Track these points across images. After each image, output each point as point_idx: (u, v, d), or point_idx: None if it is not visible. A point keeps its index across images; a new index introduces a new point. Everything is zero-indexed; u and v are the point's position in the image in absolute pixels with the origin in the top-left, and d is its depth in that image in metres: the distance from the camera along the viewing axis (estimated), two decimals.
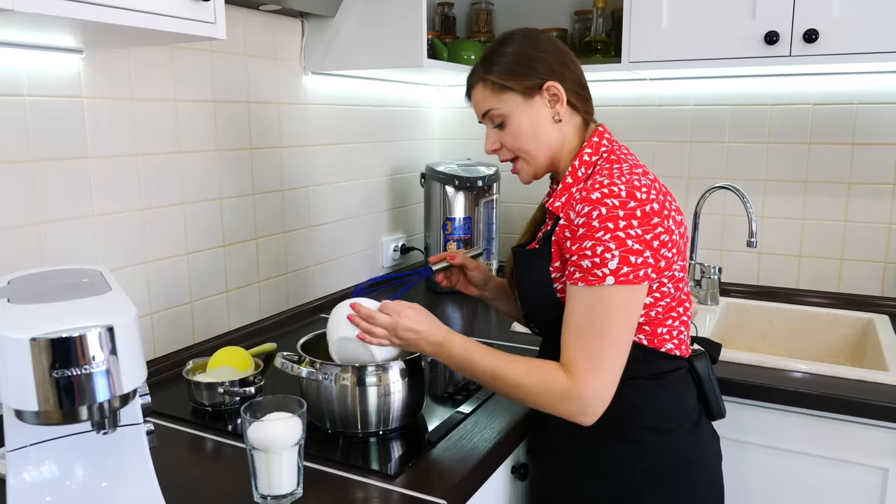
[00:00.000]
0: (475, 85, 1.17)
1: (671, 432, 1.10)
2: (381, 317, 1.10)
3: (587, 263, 1.00)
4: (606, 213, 1.00)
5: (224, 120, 1.57)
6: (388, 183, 2.21)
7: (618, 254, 0.99)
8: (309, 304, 1.88)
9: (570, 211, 1.07)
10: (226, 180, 1.59)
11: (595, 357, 0.99)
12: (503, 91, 1.12)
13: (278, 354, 1.19)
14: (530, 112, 1.12)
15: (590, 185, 1.05)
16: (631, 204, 1.00)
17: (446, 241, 2.11)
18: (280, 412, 0.98)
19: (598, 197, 1.02)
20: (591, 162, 1.12)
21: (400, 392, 1.17)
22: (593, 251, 1.00)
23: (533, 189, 2.40)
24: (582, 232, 1.02)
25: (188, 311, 1.53)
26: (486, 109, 1.15)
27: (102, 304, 0.77)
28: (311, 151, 1.85)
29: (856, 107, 1.92)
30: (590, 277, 1.00)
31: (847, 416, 1.39)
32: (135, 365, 0.74)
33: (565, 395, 1.00)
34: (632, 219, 1.00)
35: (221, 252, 1.60)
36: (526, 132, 1.13)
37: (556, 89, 1.11)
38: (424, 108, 2.39)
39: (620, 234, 0.99)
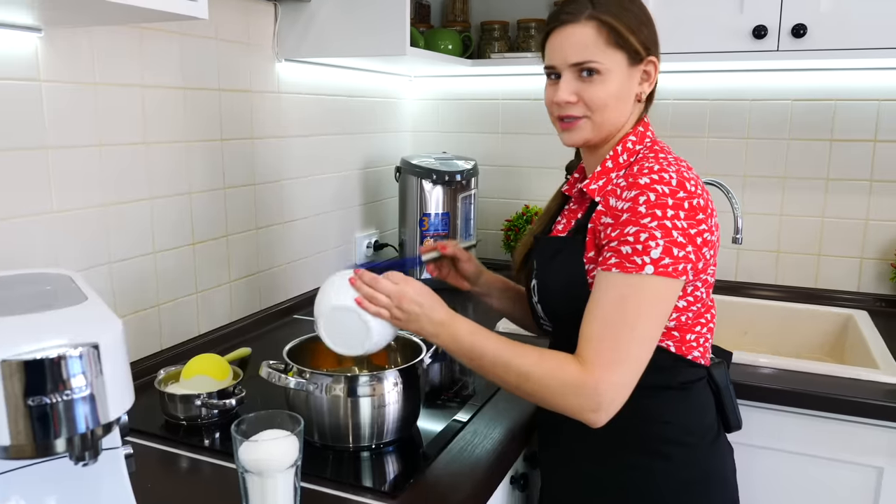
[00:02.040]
0: (581, 22, 1.00)
1: (694, 446, 1.05)
2: (385, 283, 1.01)
3: (627, 249, 0.94)
4: (655, 199, 0.94)
5: (194, 108, 1.46)
6: (360, 177, 2.11)
7: (662, 243, 0.92)
8: (282, 305, 1.78)
9: (610, 196, 1.01)
10: (196, 173, 1.48)
11: (619, 349, 0.92)
12: (616, 46, 1.00)
13: (263, 364, 1.10)
14: (625, 79, 1.02)
15: (636, 171, 0.99)
16: (680, 194, 0.94)
17: (423, 237, 2.03)
18: (274, 430, 0.89)
19: (646, 182, 0.95)
20: (633, 150, 1.05)
21: (395, 403, 1.10)
22: (636, 237, 0.93)
23: (512, 183, 2.36)
24: (626, 217, 0.95)
25: (155, 315, 1.41)
26: (585, 60, 1.00)
27: (81, 316, 0.67)
28: (284, 143, 1.75)
29: (834, 103, 1.91)
30: (627, 264, 0.93)
31: (841, 414, 1.38)
32: (122, 388, 0.64)
33: (578, 388, 0.91)
34: (679, 209, 0.94)
35: (190, 250, 1.49)
36: (614, 98, 1.02)
37: (653, 67, 1.04)
38: (396, 98, 2.30)
39: (667, 224, 0.93)
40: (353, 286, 1.03)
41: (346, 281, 1.04)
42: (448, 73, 2.28)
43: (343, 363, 1.25)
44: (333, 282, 1.07)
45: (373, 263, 1.26)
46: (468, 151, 2.31)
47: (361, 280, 1.02)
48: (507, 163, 2.31)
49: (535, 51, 2.09)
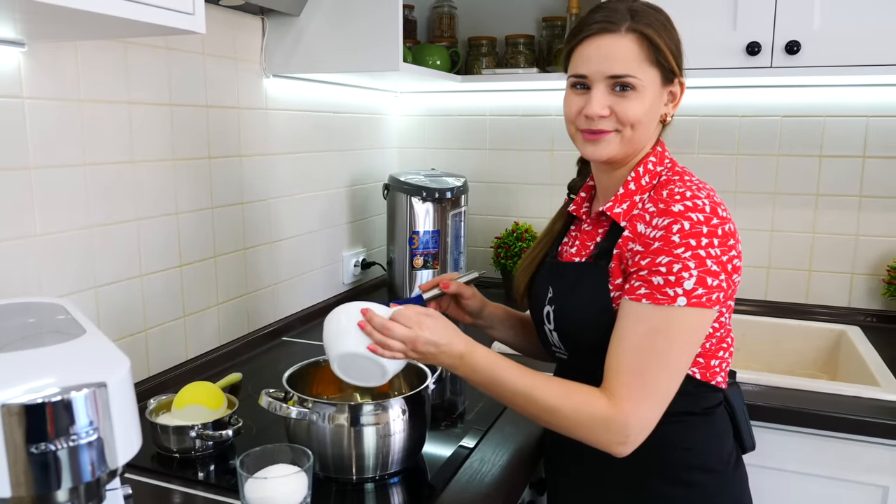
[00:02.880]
0: (623, 34, 0.96)
1: (720, 472, 1.02)
2: (398, 329, 0.95)
3: (659, 280, 0.91)
4: (690, 228, 0.91)
5: (181, 126, 1.40)
6: (347, 194, 2.07)
7: (696, 273, 0.90)
8: (270, 327, 1.72)
9: (638, 222, 0.97)
10: (183, 193, 1.42)
11: (649, 384, 0.90)
12: (653, 63, 0.96)
13: (263, 393, 1.05)
14: (656, 98, 0.99)
15: (667, 196, 0.96)
16: (714, 221, 0.92)
17: (413, 256, 1.99)
18: (281, 465, 0.85)
19: (680, 210, 0.92)
20: (654, 172, 1.02)
21: (401, 432, 1.05)
22: (669, 268, 0.90)
23: (500, 200, 2.33)
24: (657, 246, 0.92)
25: (142, 341, 1.35)
26: (624, 73, 0.96)
27: (83, 352, 0.62)
28: (271, 161, 1.70)
29: (823, 119, 1.92)
30: (658, 296, 0.90)
31: (843, 433, 1.36)
32: (131, 430, 0.59)
33: (608, 424, 0.89)
34: (713, 237, 0.91)
35: (178, 273, 1.43)
36: (644, 114, 0.98)
37: (680, 90, 1.01)
38: (382, 114, 2.27)
39: (701, 253, 0.90)
40: (363, 331, 0.97)
41: (355, 324, 0.98)
42: (435, 88, 2.25)
43: (344, 390, 1.21)
44: (340, 321, 1.01)
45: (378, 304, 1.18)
46: (455, 168, 2.28)
47: (372, 326, 0.96)
48: (494, 179, 2.28)
49: (523, 66, 2.08)
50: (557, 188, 2.21)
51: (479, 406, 1.33)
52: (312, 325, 1.86)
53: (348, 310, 1.01)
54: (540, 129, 2.20)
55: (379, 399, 1.21)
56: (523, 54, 2.10)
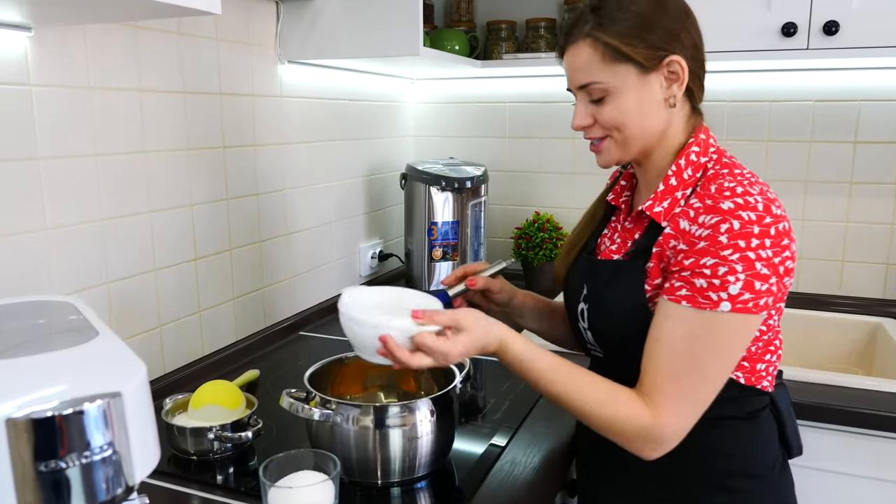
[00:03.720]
0: (579, 44, 0.93)
1: (764, 478, 0.96)
2: (422, 360, 0.87)
3: (702, 283, 0.85)
4: (739, 228, 0.84)
5: (195, 114, 1.35)
6: (364, 184, 2.02)
7: (743, 277, 0.83)
8: (286, 321, 1.67)
9: (681, 219, 0.91)
10: (197, 183, 1.37)
11: (687, 392, 0.85)
12: (618, 60, 0.91)
13: (284, 393, 1.00)
14: (642, 90, 0.92)
15: (715, 192, 0.88)
16: (766, 220, 0.84)
17: (431, 247, 1.94)
18: (307, 472, 0.80)
19: (730, 207, 0.85)
20: (699, 164, 0.95)
21: (428, 434, 1.00)
22: (713, 270, 0.84)
23: (520, 189, 2.26)
24: (703, 246, 0.85)
25: (157, 337, 1.31)
26: (589, 81, 0.93)
27: (96, 357, 0.57)
28: (287, 150, 1.65)
29: (858, 104, 1.85)
30: (700, 299, 0.84)
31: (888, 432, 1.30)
32: (149, 443, 0.54)
33: (645, 433, 0.85)
34: (765, 237, 0.84)
35: (193, 266, 1.38)
36: (632, 113, 0.93)
37: (678, 66, 0.92)
38: (398, 102, 2.21)
39: (750, 255, 0.83)
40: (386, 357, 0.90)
41: (377, 340, 0.88)
42: (453, 75, 2.19)
43: (368, 389, 1.16)
44: (364, 339, 0.90)
45: None
46: (473, 157, 2.22)
47: (395, 356, 0.88)
48: (514, 168, 2.22)
49: (545, 51, 2.01)
50: (579, 177, 2.14)
51: (506, 404, 1.28)
52: (329, 318, 1.81)
53: (361, 315, 0.91)
54: (560, 115, 2.13)
55: (405, 399, 1.16)
56: (544, 38, 2.03)
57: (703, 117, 1.01)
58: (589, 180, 2.13)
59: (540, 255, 2.04)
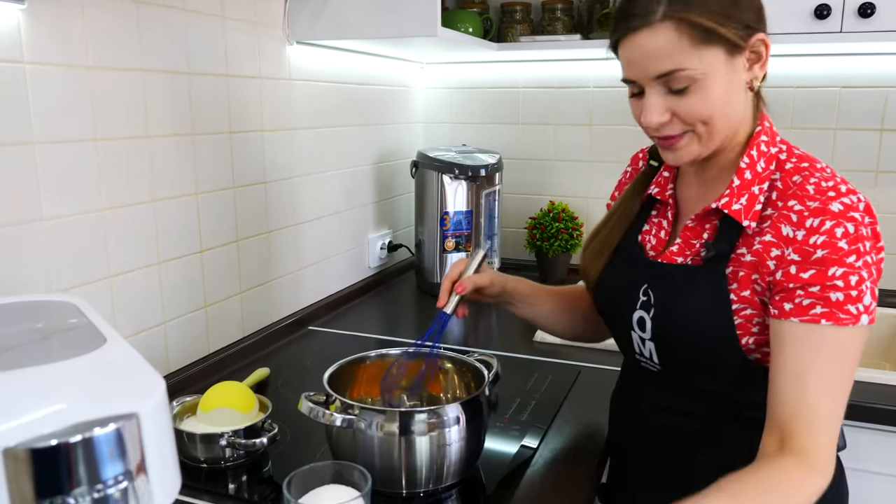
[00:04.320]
0: (656, 26, 0.80)
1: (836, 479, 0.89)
2: None
3: (839, 297, 0.77)
4: (855, 231, 0.77)
5: (200, 97, 1.27)
6: (372, 172, 1.94)
7: (869, 285, 0.78)
8: (295, 316, 1.60)
9: (783, 224, 0.82)
10: (203, 171, 1.29)
11: (836, 418, 0.79)
12: (707, 43, 0.79)
13: (304, 398, 0.93)
14: (729, 74, 0.82)
15: (814, 192, 0.80)
16: (867, 219, 0.79)
17: (444, 238, 1.86)
18: (335, 486, 0.73)
19: (840, 210, 0.78)
20: (770, 155, 0.87)
21: (458, 441, 0.93)
22: (846, 281, 0.77)
23: (533, 177, 2.18)
24: (823, 254, 0.78)
25: (161, 335, 1.23)
26: (672, 69, 0.80)
27: (105, 369, 0.50)
28: (296, 136, 1.57)
29: (885, 90, 1.77)
30: (841, 315, 0.77)
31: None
32: (169, 470, 0.47)
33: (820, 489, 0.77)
34: (871, 240, 0.79)
35: (199, 259, 1.30)
36: (719, 102, 0.82)
37: (763, 45, 0.82)
38: (407, 87, 2.12)
39: (869, 260, 0.78)
40: None
41: None
42: (466, 59, 2.11)
43: (392, 391, 1.08)
44: None
45: (419, 344, 1.04)
46: (485, 143, 2.14)
47: None
48: (527, 156, 2.14)
49: (562, 33, 1.93)
50: (596, 165, 2.07)
51: (532, 403, 1.21)
52: (338, 312, 1.74)
53: None
54: (577, 101, 2.05)
55: (430, 402, 1.10)
56: (561, 21, 1.95)
57: (766, 102, 0.92)
58: (605, 168, 2.05)
59: (555, 245, 1.97)
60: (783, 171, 0.85)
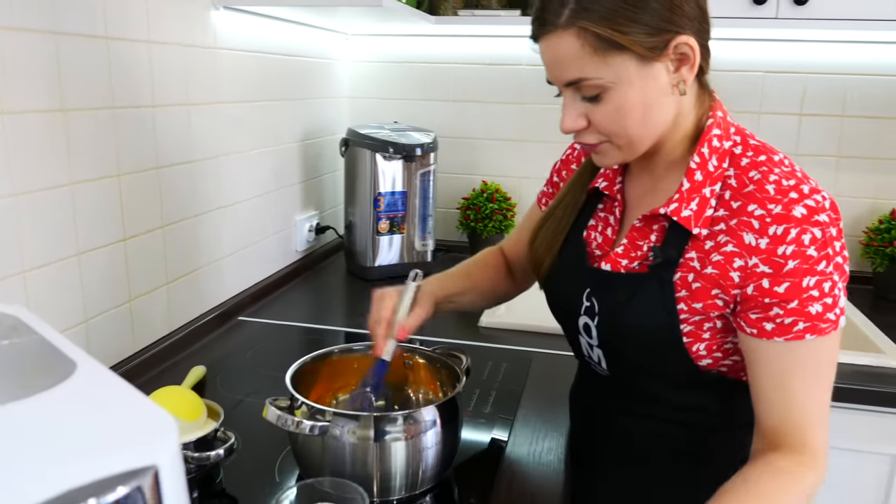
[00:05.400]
0: (559, 33, 0.75)
1: None
2: None
3: (817, 309, 0.74)
4: (822, 235, 0.73)
5: (119, 65, 1.12)
6: (299, 150, 1.82)
7: (841, 286, 0.75)
8: (222, 306, 1.48)
9: (745, 232, 0.76)
10: (125, 149, 1.15)
11: (826, 419, 0.78)
12: (611, 52, 0.74)
13: (268, 404, 0.84)
14: (645, 81, 0.75)
15: (775, 193, 0.74)
16: (834, 217, 0.75)
17: (378, 220, 1.78)
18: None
19: (804, 214, 0.73)
20: (723, 151, 0.80)
21: (434, 445, 0.87)
22: (821, 290, 0.73)
23: (465, 156, 2.12)
24: (794, 266, 0.73)
25: (82, 334, 1.09)
26: (578, 78, 0.76)
27: (91, 403, 0.40)
28: (222, 111, 1.44)
29: (804, 76, 1.84)
30: (822, 325, 0.74)
31: (853, 404, 1.31)
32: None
33: (818, 486, 0.77)
34: (836, 240, 0.75)
35: (122, 248, 1.17)
36: (635, 111, 0.77)
37: (687, 47, 0.75)
38: (331, 60, 2.00)
39: (839, 260, 0.75)
40: None
41: None
42: (395, 31, 2.01)
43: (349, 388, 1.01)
44: None
45: (360, 393, 0.96)
46: (414, 121, 2.06)
47: None
48: (458, 134, 2.08)
49: (496, 8, 1.87)
50: (527, 144, 2.04)
51: (493, 394, 1.17)
52: (267, 300, 1.63)
53: None
54: (508, 79, 2.01)
55: (399, 400, 1.03)
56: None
57: (713, 91, 0.86)
58: (537, 148, 2.03)
59: (490, 226, 1.93)
60: (738, 167, 0.79)
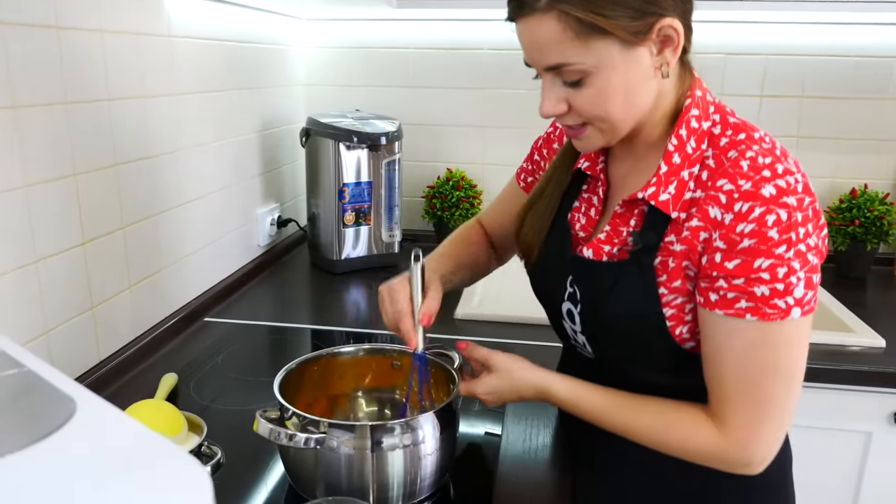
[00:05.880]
0: (538, 16, 0.72)
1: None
2: None
3: (764, 291, 0.71)
4: (788, 218, 0.70)
5: (71, 57, 1.05)
6: (258, 141, 1.75)
7: (803, 276, 0.71)
8: (189, 307, 1.41)
9: (710, 206, 0.74)
10: (81, 147, 1.08)
11: (766, 405, 0.75)
12: (593, 36, 0.71)
13: (259, 417, 0.80)
14: (628, 65, 0.74)
15: (748, 169, 0.73)
16: (806, 201, 0.72)
17: (343, 211, 1.73)
18: None
19: (772, 195, 0.71)
20: (702, 132, 0.78)
21: (433, 453, 0.84)
22: (773, 274, 0.71)
23: (427, 144, 2.08)
24: (750, 244, 0.71)
25: (43, 347, 1.02)
26: (559, 63, 0.74)
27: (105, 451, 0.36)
28: (179, 103, 1.36)
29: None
30: (767, 310, 0.72)
31: (829, 384, 1.34)
32: None
33: (720, 456, 0.78)
34: (808, 223, 0.72)
35: (81, 252, 1.09)
36: (617, 95, 0.75)
37: (672, 30, 0.72)
38: (285, 45, 1.93)
39: (802, 248, 0.71)
40: None
41: None
42: (352, 15, 1.95)
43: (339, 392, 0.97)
44: None
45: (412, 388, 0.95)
46: (374, 108, 2.00)
47: None
48: (420, 121, 2.03)
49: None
50: (490, 130, 2.01)
51: None
52: (233, 299, 1.56)
53: None
54: (470, 64, 1.97)
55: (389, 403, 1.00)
56: None
57: (693, 69, 0.83)
58: (500, 134, 2.00)
59: (457, 215, 1.90)
60: (717, 147, 0.77)
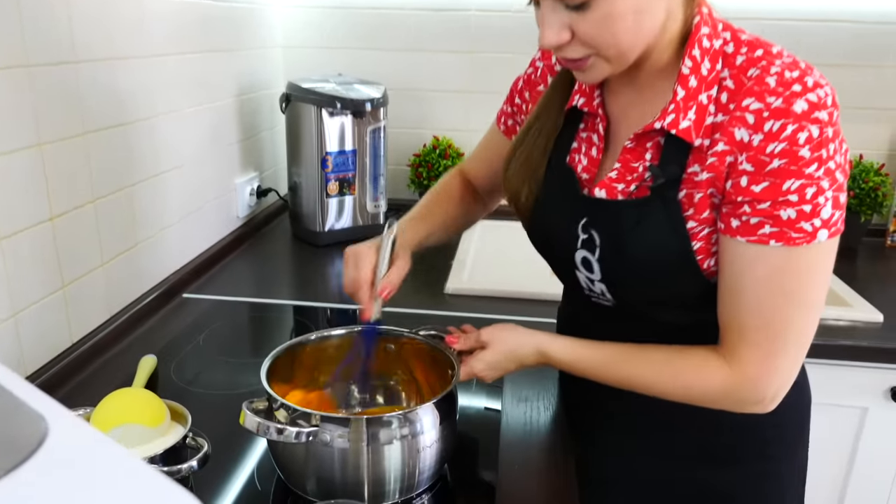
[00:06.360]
0: None
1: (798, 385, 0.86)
2: None
3: (791, 214, 0.67)
4: (819, 134, 0.66)
5: (32, 16, 0.96)
6: (235, 106, 1.66)
7: (830, 195, 0.67)
8: (166, 283, 1.34)
9: (736, 127, 0.69)
10: (45, 114, 0.99)
11: (781, 337, 0.71)
12: None
13: (246, 409, 0.74)
14: None
15: (776, 85, 0.67)
16: (836, 115, 0.68)
17: (326, 181, 1.66)
18: None
19: (804, 110, 0.66)
20: (715, 51, 0.72)
21: (433, 445, 0.79)
22: (801, 195, 0.67)
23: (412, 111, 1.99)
24: (780, 164, 0.67)
25: (11, 331, 0.95)
26: None
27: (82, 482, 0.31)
28: (151, 65, 1.27)
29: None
30: (793, 234, 0.67)
31: (825, 359, 1.32)
32: None
33: (733, 392, 0.75)
34: (837, 138, 0.68)
35: (49, 228, 1.02)
36: (626, 18, 0.68)
37: None
38: (260, 4, 1.83)
39: (832, 166, 0.67)
40: None
41: None
42: None
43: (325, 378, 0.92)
44: None
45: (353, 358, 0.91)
46: (357, 72, 1.92)
47: None
48: (405, 86, 1.95)
49: None
50: (478, 96, 1.94)
51: None
52: (212, 273, 1.50)
53: None
54: (456, 26, 1.89)
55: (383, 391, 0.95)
56: None
57: None
58: (490, 99, 1.91)
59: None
60: (733, 67, 0.72)
